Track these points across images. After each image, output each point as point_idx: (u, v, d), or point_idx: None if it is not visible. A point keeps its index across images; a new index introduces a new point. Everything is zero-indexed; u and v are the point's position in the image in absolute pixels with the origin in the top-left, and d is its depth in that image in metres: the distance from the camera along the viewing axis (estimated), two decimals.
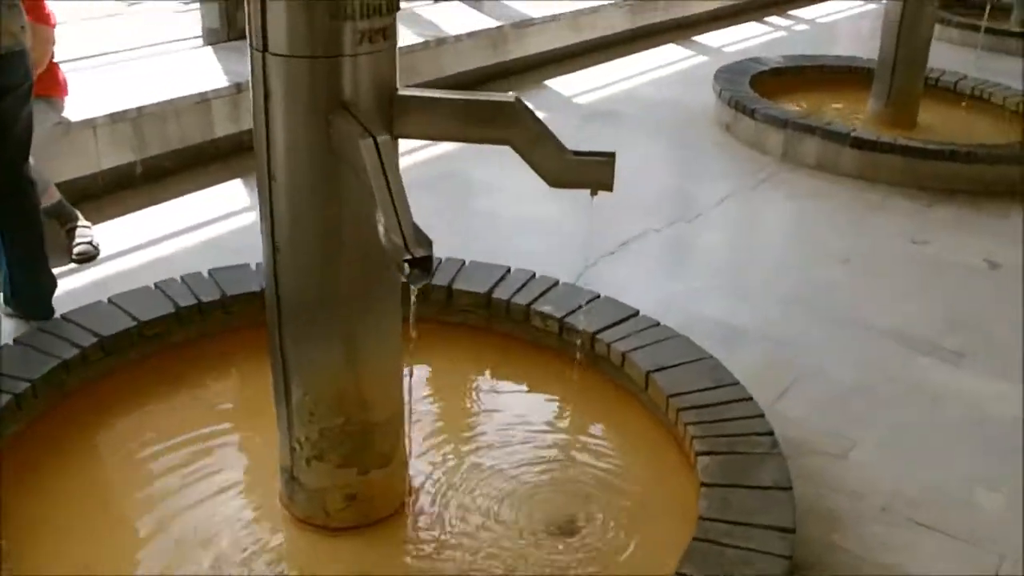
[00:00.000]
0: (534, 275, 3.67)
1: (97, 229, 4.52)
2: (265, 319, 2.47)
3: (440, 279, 3.63)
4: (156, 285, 3.54)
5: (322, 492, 2.58)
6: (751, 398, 2.93)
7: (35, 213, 3.64)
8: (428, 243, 1.81)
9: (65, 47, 5.19)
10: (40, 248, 3.67)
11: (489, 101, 2.20)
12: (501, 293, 3.56)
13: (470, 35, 6.99)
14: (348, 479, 2.56)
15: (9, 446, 2.89)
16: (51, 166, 4.50)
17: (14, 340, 3.22)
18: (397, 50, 2.21)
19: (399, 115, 2.20)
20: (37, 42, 4.11)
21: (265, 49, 2.10)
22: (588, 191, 2.26)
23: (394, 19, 2.15)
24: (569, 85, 7.25)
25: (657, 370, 3.08)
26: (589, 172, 2.20)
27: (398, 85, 2.23)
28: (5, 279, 3.69)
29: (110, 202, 4.88)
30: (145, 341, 3.33)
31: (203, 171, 5.26)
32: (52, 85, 4.45)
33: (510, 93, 2.23)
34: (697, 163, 5.78)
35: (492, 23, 7.26)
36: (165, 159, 5.17)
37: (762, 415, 2.85)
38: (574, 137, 5.83)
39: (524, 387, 3.40)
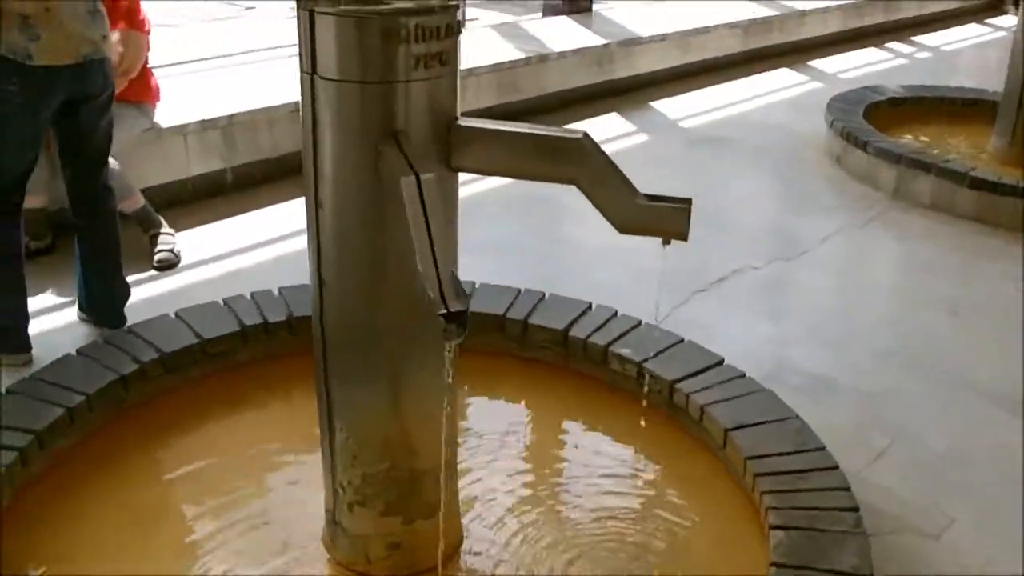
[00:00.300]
0: (616, 313, 3.47)
1: (183, 236, 4.50)
2: None
3: (517, 312, 3.47)
4: (224, 301, 3.47)
5: (364, 539, 2.44)
6: (837, 467, 2.68)
7: (112, 220, 3.61)
8: (466, 296, 1.65)
9: (170, 52, 5.23)
10: (115, 256, 3.64)
11: (555, 136, 2.02)
12: (579, 331, 3.37)
13: (575, 52, 6.83)
14: (392, 527, 2.40)
15: (61, 460, 2.84)
16: (139, 172, 4.51)
17: (77, 351, 3.17)
18: (458, 76, 2.06)
19: (458, 147, 2.05)
20: (130, 48, 4.12)
21: (314, 72, 1.97)
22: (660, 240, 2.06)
23: (455, 43, 2.00)
24: (676, 107, 7.03)
25: (737, 428, 2.85)
26: (661, 219, 2.01)
27: (458, 114, 2.07)
28: (80, 284, 3.67)
29: (198, 209, 4.87)
30: (208, 359, 3.26)
31: (294, 181, 5.18)
32: (144, 91, 4.45)
33: (579, 129, 2.05)
34: (804, 196, 5.48)
35: (598, 40, 7.09)
36: (255, 168, 5.14)
37: (847, 488, 2.59)
38: (678, 163, 5.63)
39: (595, 433, 3.20)
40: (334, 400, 2.29)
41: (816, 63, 8.40)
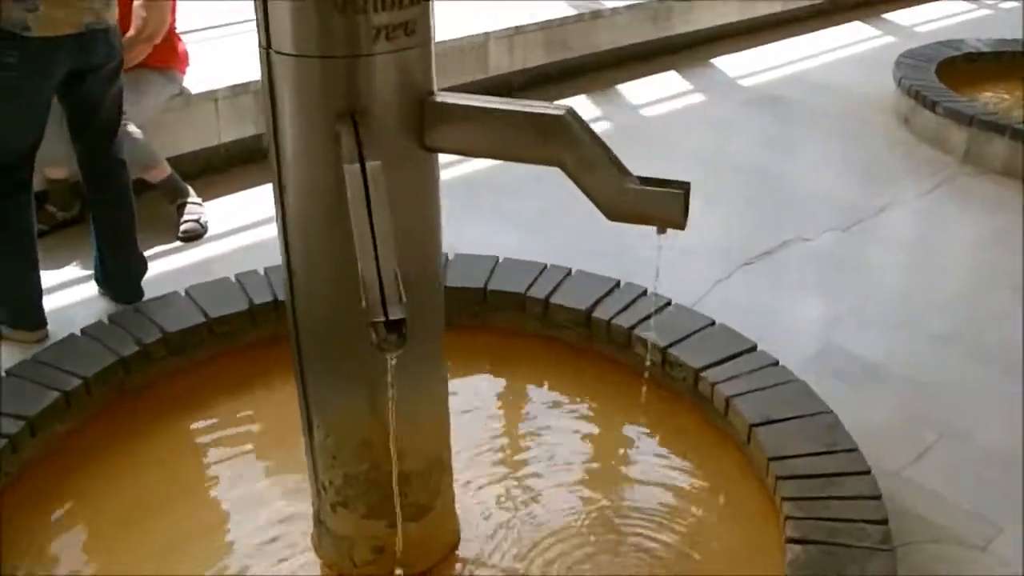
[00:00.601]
0: (645, 292, 3.26)
1: (214, 205, 4.40)
2: None
3: (538, 290, 3.28)
4: (236, 277, 3.35)
5: (348, 541, 2.30)
6: (868, 471, 2.44)
7: (125, 194, 3.50)
8: (404, 303, 1.47)
9: (199, 16, 5.09)
10: (129, 231, 3.54)
11: (535, 113, 1.81)
12: (602, 312, 3.17)
13: (629, 8, 6.51)
14: (376, 531, 2.25)
15: (57, 446, 2.75)
16: (168, 140, 4.41)
17: (81, 331, 3.08)
18: (432, 47, 1.86)
19: (431, 126, 1.85)
20: (153, 13, 4.00)
21: (269, 46, 1.79)
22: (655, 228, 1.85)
23: (425, 10, 1.79)
24: (736, 65, 6.68)
25: (762, 423, 2.63)
26: (653, 205, 1.79)
27: (434, 89, 1.88)
28: (96, 260, 3.58)
29: (231, 176, 4.75)
30: (215, 339, 3.14)
31: None
32: (170, 57, 4.32)
33: (562, 104, 1.83)
34: (865, 161, 5.14)
35: None
36: None
37: (878, 497, 2.36)
38: (734, 124, 5.30)
39: (613, 422, 3.00)
40: (311, 397, 2.15)
41: (891, 16, 7.92)
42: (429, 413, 2.21)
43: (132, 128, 3.95)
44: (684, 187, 1.78)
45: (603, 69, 6.36)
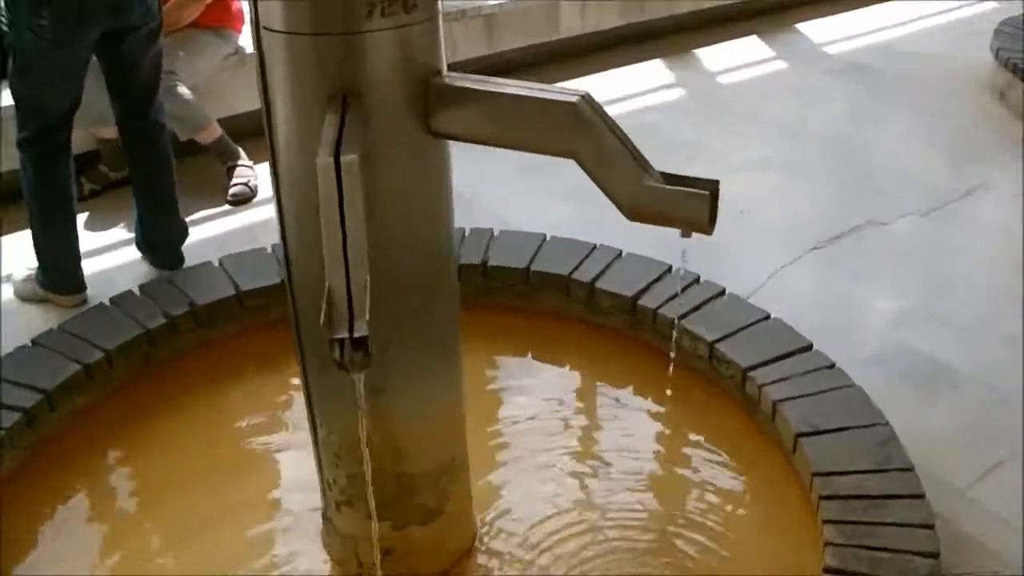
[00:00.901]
0: (697, 279, 3.06)
1: (266, 166, 4.29)
2: None
3: (583, 273, 3.10)
4: (272, 248, 3.24)
5: (354, 540, 2.19)
6: (923, 495, 2.22)
7: (164, 159, 3.41)
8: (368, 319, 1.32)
9: None
10: (169, 195, 3.46)
11: (545, 99, 1.62)
12: (650, 300, 2.98)
13: None
14: (381, 532, 2.12)
15: (78, 420, 2.69)
16: (223, 100, 4.32)
17: (110, 300, 3.01)
18: (440, 22, 1.69)
19: (437, 109, 1.69)
20: None
21: (259, 22, 1.64)
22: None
23: None
24: (824, 31, 6.32)
25: (810, 433, 2.42)
26: (676, 207, 1.60)
27: (442, 69, 1.71)
28: (136, 224, 3.52)
29: None
30: (245, 313, 3.04)
31: None
32: (224, 15, 4.23)
33: (577, 89, 1.63)
34: (954, 138, 4.78)
35: None
36: None
37: (931, 525, 2.14)
38: (815, 94, 4.92)
39: (653, 418, 2.82)
40: (313, 393, 2.03)
41: None
42: (440, 413, 2.06)
43: (182, 89, 3.87)
44: (711, 187, 1.59)
45: (681, 33, 6.08)
